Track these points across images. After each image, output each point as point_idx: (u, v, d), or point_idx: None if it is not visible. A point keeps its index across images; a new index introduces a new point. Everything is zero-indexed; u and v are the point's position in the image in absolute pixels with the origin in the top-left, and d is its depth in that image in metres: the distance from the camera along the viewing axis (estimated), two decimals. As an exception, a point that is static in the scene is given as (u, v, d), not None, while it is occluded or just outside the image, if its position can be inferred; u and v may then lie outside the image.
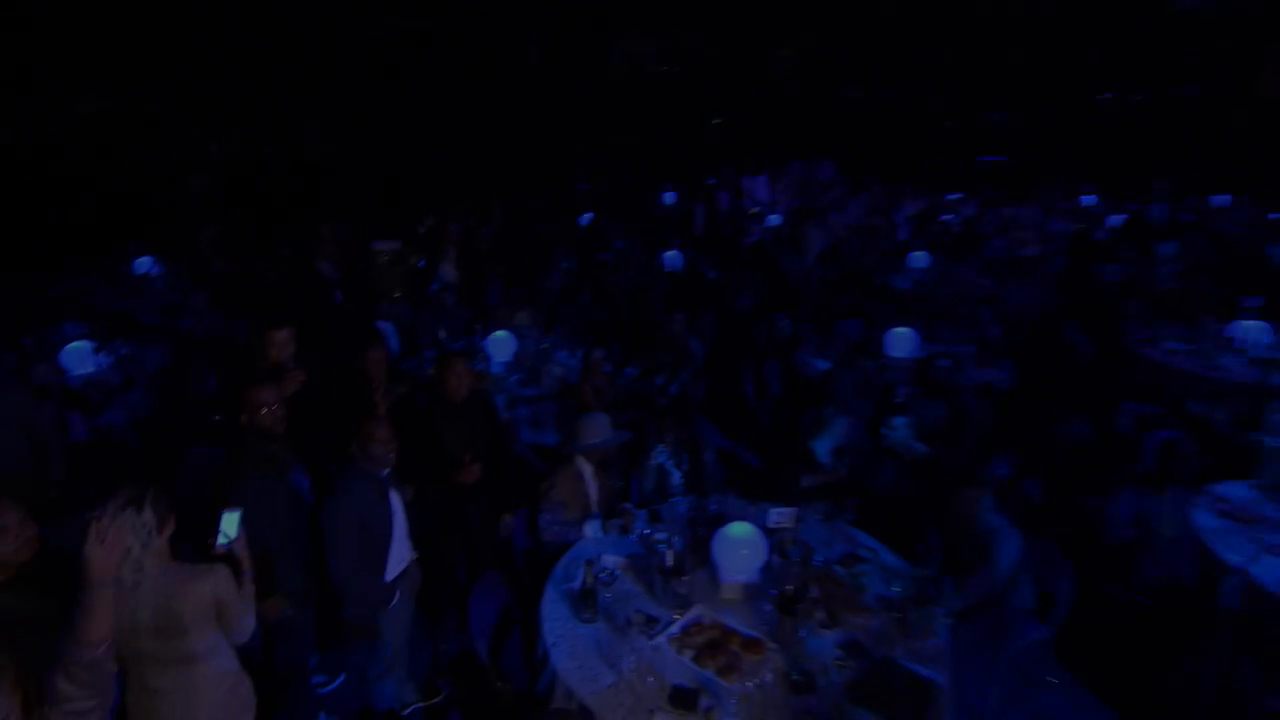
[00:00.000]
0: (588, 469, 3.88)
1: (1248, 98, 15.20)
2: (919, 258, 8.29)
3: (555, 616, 3.17)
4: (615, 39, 19.32)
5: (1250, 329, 5.74)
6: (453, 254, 8.26)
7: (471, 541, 4.03)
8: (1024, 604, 3.57)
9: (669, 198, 12.66)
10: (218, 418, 4.84)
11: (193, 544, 2.52)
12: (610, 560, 3.45)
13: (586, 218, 10.94)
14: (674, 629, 3.04)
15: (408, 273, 8.01)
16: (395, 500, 3.27)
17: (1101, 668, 3.86)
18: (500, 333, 5.86)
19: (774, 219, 10.69)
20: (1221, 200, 11.46)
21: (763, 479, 5.03)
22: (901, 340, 5.56)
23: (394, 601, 3.30)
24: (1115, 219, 10.80)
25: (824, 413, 4.54)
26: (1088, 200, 12.09)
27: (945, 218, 10.35)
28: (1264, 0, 14.47)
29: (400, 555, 3.34)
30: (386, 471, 3.24)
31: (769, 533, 3.36)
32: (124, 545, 2.10)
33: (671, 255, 8.50)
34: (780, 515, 3.51)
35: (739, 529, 3.23)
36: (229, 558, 2.48)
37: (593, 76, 18.82)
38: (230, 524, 2.47)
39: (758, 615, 3.12)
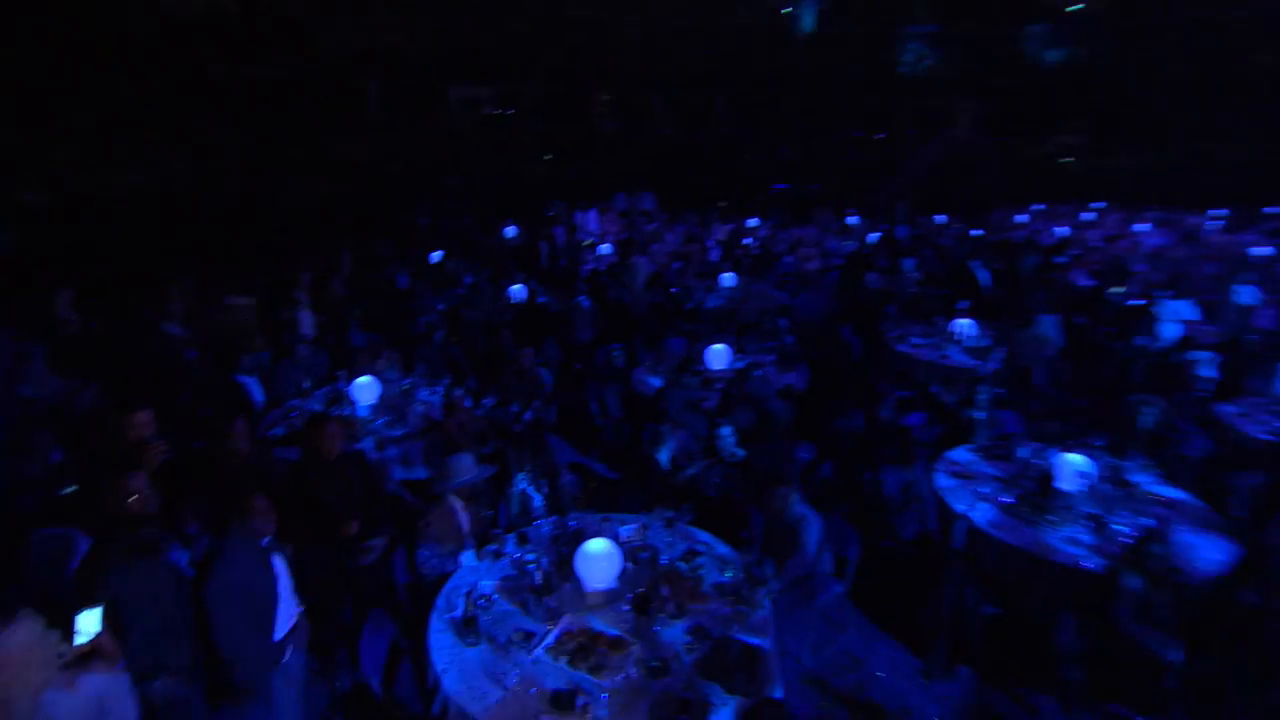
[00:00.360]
0: (458, 504, 3.88)
1: (946, 139, 17.79)
2: (728, 278, 8.87)
3: (442, 644, 3.17)
4: (452, 84, 18.88)
5: (963, 325, 6.74)
6: (307, 302, 7.78)
7: (355, 585, 3.90)
8: (826, 569, 4.03)
9: (510, 232, 12.61)
10: (65, 491, 4.29)
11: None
12: (486, 586, 3.48)
13: (436, 256, 10.67)
14: (549, 639, 3.15)
15: (264, 325, 7.43)
16: (278, 563, 3.11)
17: (883, 606, 4.41)
18: (364, 378, 5.64)
19: (605, 249, 10.99)
20: (941, 218, 13.25)
21: (614, 490, 5.22)
22: (718, 355, 6.00)
23: (285, 658, 3.15)
24: (873, 236, 12.15)
25: (660, 428, 4.80)
26: (852, 221, 13.48)
27: (746, 241, 11.12)
28: (960, 67, 17.13)
29: (288, 613, 3.18)
30: (268, 539, 3.08)
31: (622, 543, 3.54)
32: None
33: (517, 289, 8.53)
34: (629, 530, 3.72)
35: (596, 545, 3.39)
36: (96, 653, 2.26)
37: (432, 119, 18.27)
38: (88, 622, 2.24)
39: (619, 616, 3.29)
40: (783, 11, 20.41)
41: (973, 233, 12.03)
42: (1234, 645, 3.27)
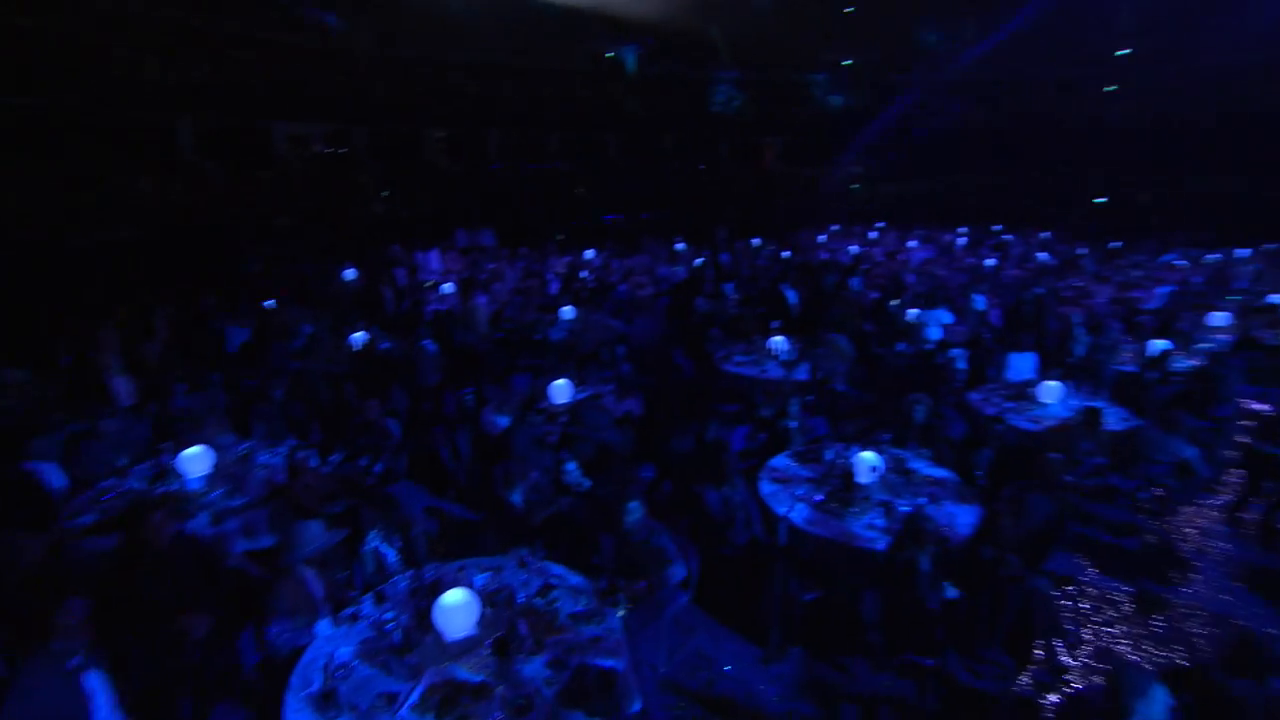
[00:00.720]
0: (309, 572, 3.67)
1: (758, 170, 19.47)
2: (567, 311, 9.03)
3: (301, 725, 3.00)
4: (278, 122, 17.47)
5: (777, 342, 7.41)
6: (120, 366, 6.90)
7: (195, 679, 3.54)
8: (674, 581, 4.27)
9: (349, 275, 11.92)
10: None
11: None
12: (344, 653, 3.33)
13: (271, 304, 9.85)
14: (413, 697, 3.08)
15: (66, 395, 6.47)
16: (92, 682, 2.75)
17: (726, 607, 4.75)
18: (193, 448, 5.07)
19: (448, 288, 10.73)
20: (756, 241, 14.40)
21: (472, 534, 5.15)
22: (560, 390, 6.12)
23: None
24: (698, 260, 12.89)
25: (510, 468, 4.83)
26: (680, 247, 14.24)
27: (582, 274, 11.37)
28: (763, 108, 18.93)
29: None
30: (78, 659, 2.72)
31: (478, 590, 3.55)
32: None
33: (358, 336, 8.11)
34: (483, 576, 3.73)
35: (452, 595, 3.37)
36: None
37: (259, 158, 16.77)
38: None
39: (481, 662, 3.29)
40: (607, 55, 21.23)
41: (783, 254, 13.19)
42: (978, 591, 3.93)
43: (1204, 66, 18.26)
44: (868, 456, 4.76)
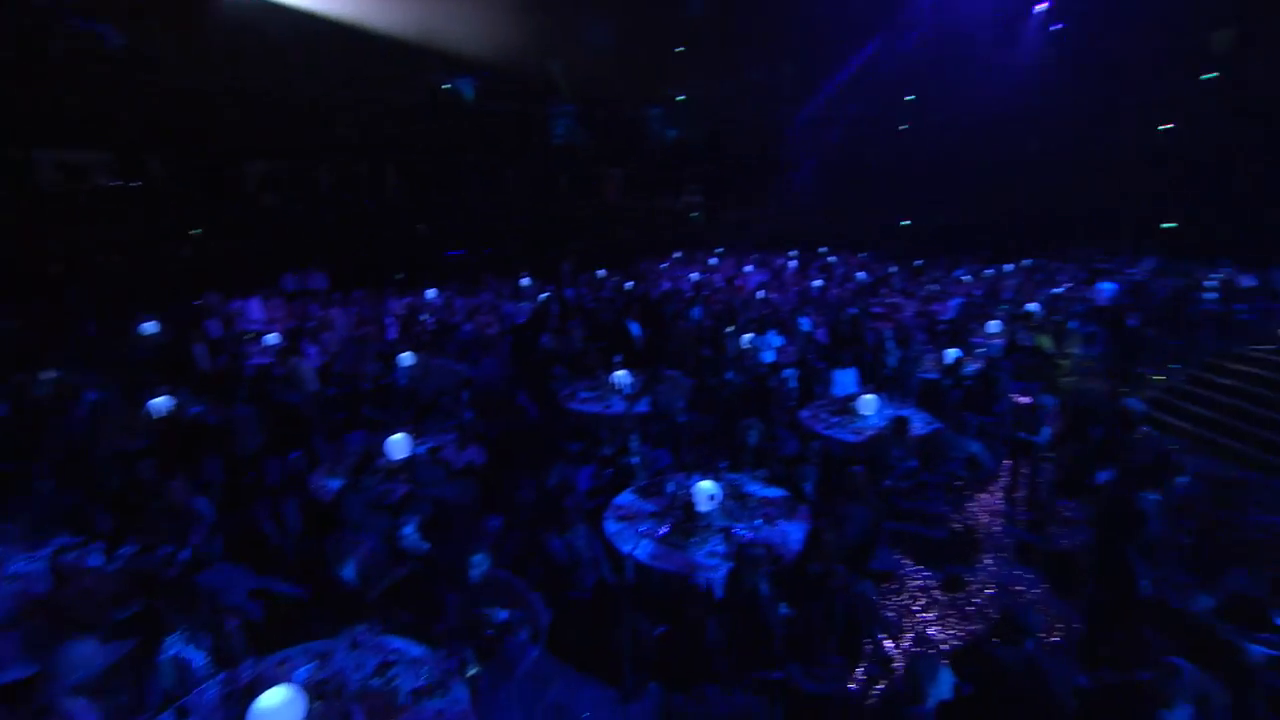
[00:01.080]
0: (79, 703, 3.16)
1: (600, 202, 20.12)
2: (405, 357, 8.61)
3: None
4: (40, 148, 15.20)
5: (619, 376, 7.60)
6: None
7: None
8: (522, 637, 4.21)
9: (149, 329, 10.55)
10: None
11: None
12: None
13: (49, 375, 8.43)
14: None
15: None
16: None
17: (579, 653, 4.75)
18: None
19: (272, 339, 9.87)
20: (601, 273, 14.75)
21: (301, 616, 4.75)
22: (398, 445, 5.84)
23: None
24: (542, 295, 12.90)
25: (342, 537, 4.53)
26: (525, 283, 14.19)
27: (422, 317, 10.97)
28: (603, 141, 19.63)
29: None
30: None
31: (303, 684, 3.28)
32: None
33: (160, 402, 7.20)
34: (305, 671, 3.45)
35: (270, 698, 3.08)
36: None
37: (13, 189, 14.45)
38: None
39: (308, 765, 3.04)
40: (444, 88, 20.90)
41: (626, 285, 13.60)
42: (811, 603, 4.27)
43: (966, 114, 21.65)
44: (705, 486, 5.02)
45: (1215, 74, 18.09)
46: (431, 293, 12.92)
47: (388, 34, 18.40)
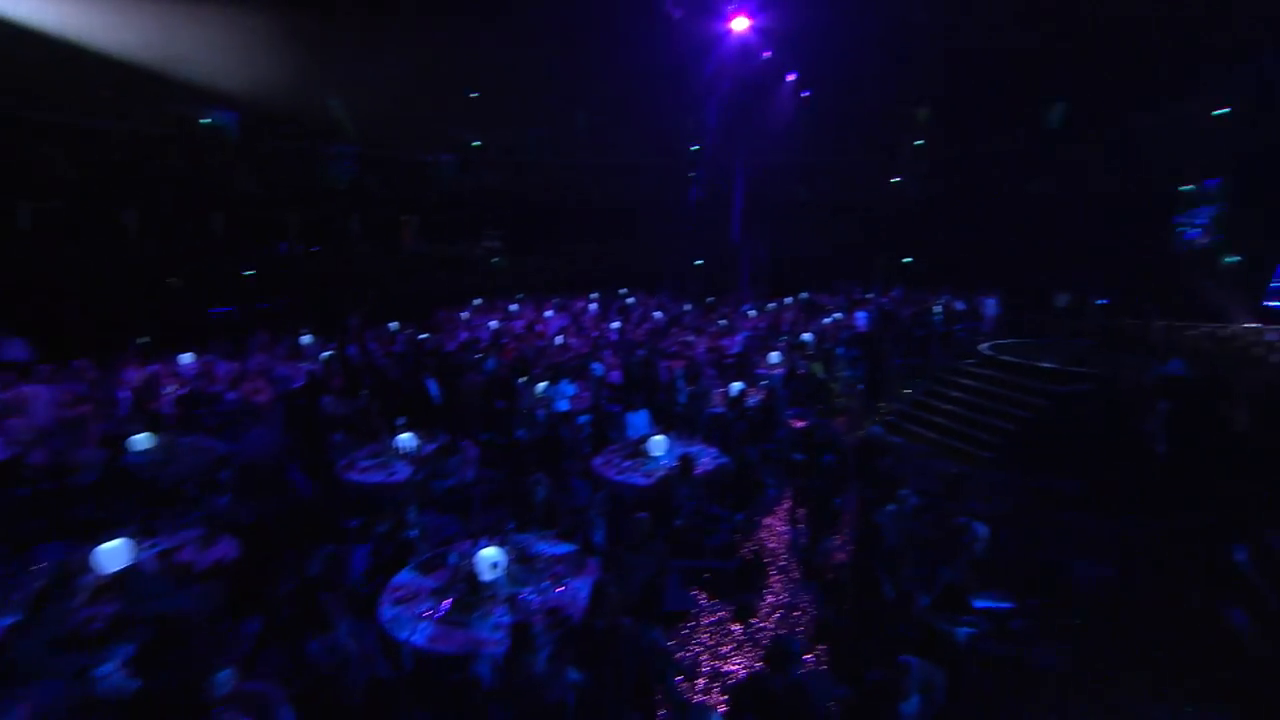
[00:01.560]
0: None
1: (394, 250, 19.29)
2: (140, 439, 7.28)
3: None
4: None
5: (404, 439, 7.10)
6: None
7: None
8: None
9: None
10: None
11: None
12: None
13: None
14: None
15: None
16: None
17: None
18: None
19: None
20: (393, 325, 13.94)
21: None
22: (110, 554, 4.83)
23: None
24: (325, 353, 11.72)
25: (7, 692, 3.59)
26: (306, 339, 12.82)
27: (167, 389, 9.43)
28: (395, 186, 18.81)
29: None
30: None
31: None
32: None
33: None
34: None
35: None
36: None
37: None
38: None
39: None
40: (202, 122, 18.63)
41: (420, 336, 12.94)
42: (601, 663, 4.19)
43: (745, 163, 24.23)
44: (488, 553, 4.78)
45: (921, 140, 22.34)
46: (187, 358, 11.16)
47: (125, 58, 16.01)
